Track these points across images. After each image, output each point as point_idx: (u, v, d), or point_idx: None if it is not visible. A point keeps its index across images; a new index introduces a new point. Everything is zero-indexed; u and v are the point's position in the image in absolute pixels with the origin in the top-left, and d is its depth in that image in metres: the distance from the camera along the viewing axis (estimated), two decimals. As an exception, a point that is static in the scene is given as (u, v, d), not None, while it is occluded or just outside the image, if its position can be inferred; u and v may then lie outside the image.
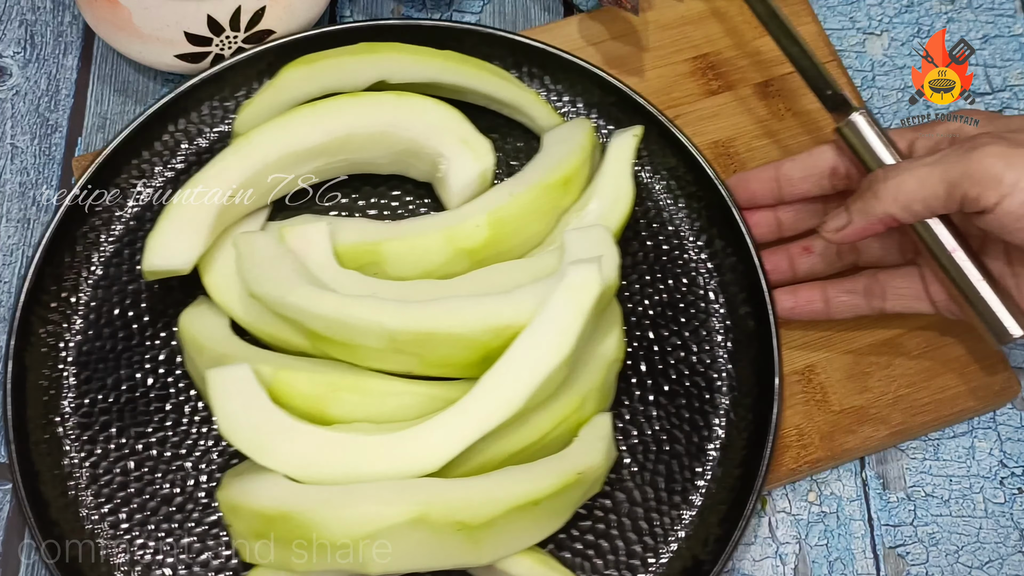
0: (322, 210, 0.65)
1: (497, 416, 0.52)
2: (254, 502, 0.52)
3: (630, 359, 0.62)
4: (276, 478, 0.53)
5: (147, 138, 0.64)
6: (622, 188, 0.62)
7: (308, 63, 0.63)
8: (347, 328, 0.54)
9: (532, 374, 0.52)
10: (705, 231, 0.64)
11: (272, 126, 0.60)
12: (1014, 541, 0.62)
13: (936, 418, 0.63)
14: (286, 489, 0.52)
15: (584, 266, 0.54)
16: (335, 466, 0.52)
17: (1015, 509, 0.62)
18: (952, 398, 0.63)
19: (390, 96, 0.61)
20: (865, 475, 0.63)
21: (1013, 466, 0.63)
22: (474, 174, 0.61)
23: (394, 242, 0.60)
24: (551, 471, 0.54)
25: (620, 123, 0.66)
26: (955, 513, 0.62)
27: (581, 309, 0.53)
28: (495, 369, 0.53)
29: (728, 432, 0.60)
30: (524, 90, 0.65)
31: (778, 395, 0.59)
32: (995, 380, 0.63)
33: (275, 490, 0.52)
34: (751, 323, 0.62)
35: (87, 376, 0.60)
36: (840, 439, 0.62)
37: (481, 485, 0.52)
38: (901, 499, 0.63)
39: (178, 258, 0.58)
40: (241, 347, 0.58)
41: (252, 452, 0.53)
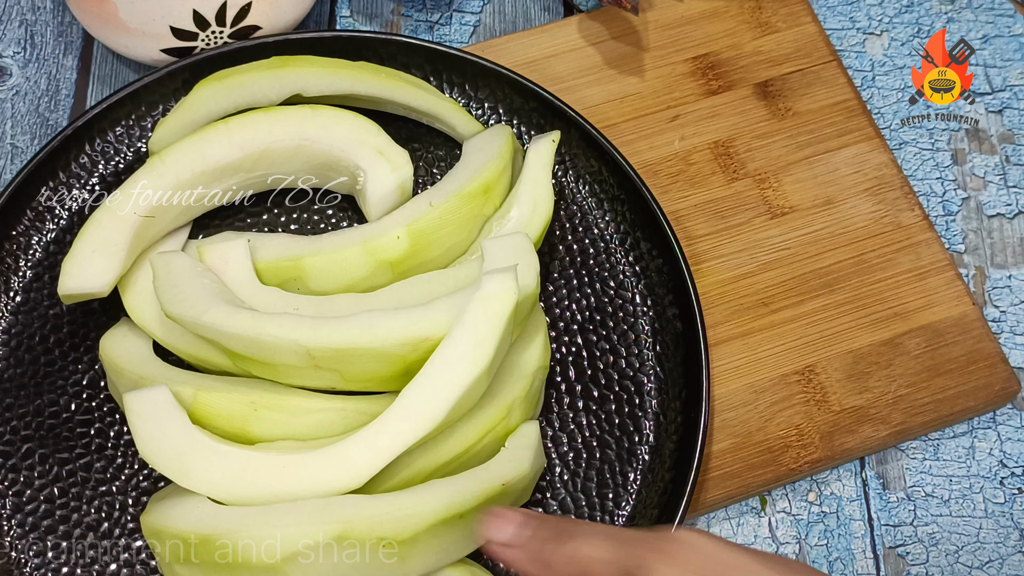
0: (242, 227, 0.64)
1: (418, 430, 0.52)
2: (176, 526, 0.52)
3: (558, 365, 0.62)
4: (198, 500, 0.52)
5: (63, 159, 0.63)
6: (541, 194, 0.61)
7: (220, 79, 0.62)
8: (264, 347, 0.54)
9: (451, 387, 0.52)
10: (630, 234, 0.64)
11: (185, 144, 0.60)
12: (1014, 541, 0.62)
13: (936, 418, 0.63)
14: (207, 512, 0.52)
15: (499, 275, 0.53)
16: (257, 486, 0.52)
17: (1015, 509, 0.62)
18: (952, 398, 0.63)
19: (304, 110, 0.61)
20: (865, 475, 0.63)
21: (1013, 466, 0.63)
22: (392, 186, 0.61)
23: (315, 257, 0.60)
24: (475, 483, 0.53)
25: (542, 128, 0.66)
26: (955, 513, 0.62)
27: (498, 319, 0.52)
28: (414, 383, 0.53)
29: (657, 435, 0.60)
30: (441, 99, 0.65)
31: (706, 396, 0.58)
32: (995, 380, 0.63)
33: (196, 512, 0.52)
34: (678, 325, 0.62)
35: (9, 403, 0.60)
36: (840, 439, 0.62)
37: (404, 500, 0.52)
38: (901, 499, 0.62)
39: (95, 281, 0.57)
40: (161, 369, 0.58)
41: (173, 475, 0.52)
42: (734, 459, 0.61)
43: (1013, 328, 0.67)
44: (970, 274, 0.69)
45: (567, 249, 0.64)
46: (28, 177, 0.62)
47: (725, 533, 0.61)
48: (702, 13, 0.73)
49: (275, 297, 0.58)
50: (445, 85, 0.67)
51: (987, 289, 0.68)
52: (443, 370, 0.52)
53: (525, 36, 0.71)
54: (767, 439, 0.62)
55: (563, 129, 0.65)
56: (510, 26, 0.75)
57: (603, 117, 0.69)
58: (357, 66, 0.64)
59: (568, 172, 0.66)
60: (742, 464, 0.61)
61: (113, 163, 0.65)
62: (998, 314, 0.67)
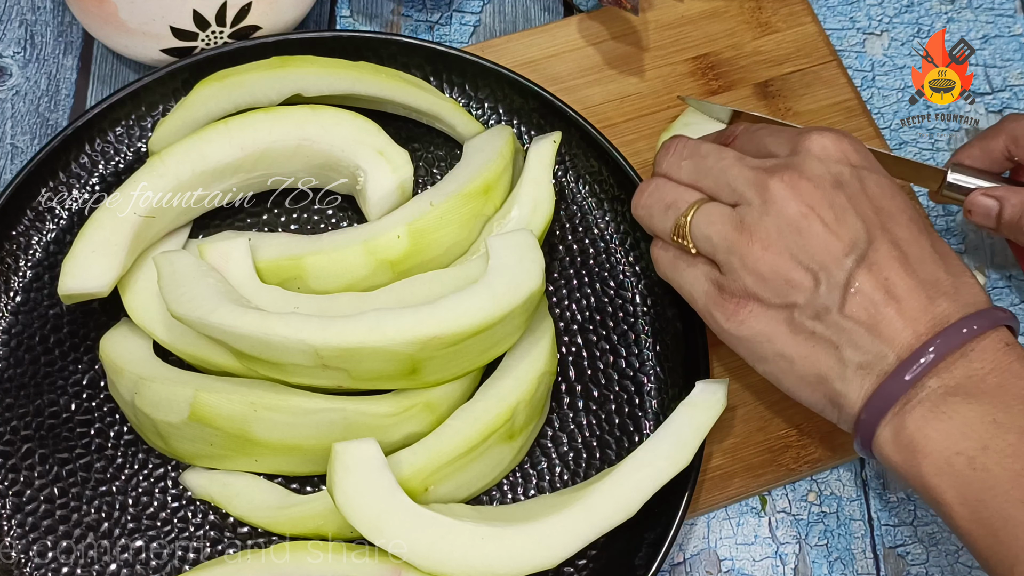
0: (243, 226, 0.64)
1: (613, 519, 0.54)
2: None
3: (559, 365, 0.62)
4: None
5: (63, 159, 0.63)
6: (542, 194, 0.61)
7: (220, 79, 0.62)
8: (271, 347, 0.54)
9: (650, 482, 0.54)
10: (630, 234, 0.64)
11: (185, 144, 0.60)
12: (1016, 541, 0.62)
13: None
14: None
15: (712, 386, 0.56)
16: (454, 556, 0.52)
17: (1016, 509, 0.62)
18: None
19: (304, 110, 0.61)
20: (865, 475, 0.63)
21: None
22: (392, 186, 0.61)
23: (315, 256, 0.60)
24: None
25: (542, 128, 0.66)
26: (956, 513, 0.62)
27: (702, 427, 0.56)
28: (616, 472, 0.55)
29: (659, 435, 0.60)
30: (442, 99, 0.65)
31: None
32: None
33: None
34: (678, 325, 0.62)
35: (9, 403, 0.60)
36: (840, 439, 0.62)
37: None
38: (901, 499, 0.62)
39: (95, 281, 0.57)
40: (161, 369, 0.58)
41: (367, 531, 0.52)
42: (734, 459, 0.61)
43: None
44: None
45: (567, 249, 0.64)
46: (28, 177, 0.62)
47: (725, 533, 0.61)
48: (702, 13, 0.73)
49: (277, 296, 0.58)
50: (445, 85, 0.67)
51: (987, 289, 0.68)
52: (645, 465, 0.55)
53: (525, 36, 0.71)
54: (767, 439, 0.62)
55: (563, 129, 0.65)
56: (510, 26, 0.75)
57: (603, 117, 0.69)
58: (357, 66, 0.63)
59: (568, 172, 0.66)
60: (742, 464, 0.61)
61: (113, 163, 0.65)
62: (998, 314, 0.67)
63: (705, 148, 0.55)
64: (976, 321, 0.49)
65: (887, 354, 0.49)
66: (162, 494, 0.58)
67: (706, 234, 0.52)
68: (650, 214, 0.56)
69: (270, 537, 0.58)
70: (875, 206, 0.51)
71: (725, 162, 0.53)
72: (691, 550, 0.61)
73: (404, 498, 0.53)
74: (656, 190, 0.56)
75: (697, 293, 0.54)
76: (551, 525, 0.53)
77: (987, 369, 0.48)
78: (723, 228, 0.52)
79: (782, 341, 0.51)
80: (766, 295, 0.51)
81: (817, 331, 0.50)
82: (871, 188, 0.52)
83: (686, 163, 0.55)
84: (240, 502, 0.57)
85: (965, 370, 0.48)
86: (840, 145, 0.52)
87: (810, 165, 0.51)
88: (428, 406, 0.56)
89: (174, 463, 0.59)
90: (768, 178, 0.51)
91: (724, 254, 0.52)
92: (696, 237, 0.53)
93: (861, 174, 0.52)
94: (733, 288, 0.52)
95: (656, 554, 0.55)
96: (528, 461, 0.60)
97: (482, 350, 0.56)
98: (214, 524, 0.58)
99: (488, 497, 0.59)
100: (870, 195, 0.51)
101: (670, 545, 0.55)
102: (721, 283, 0.53)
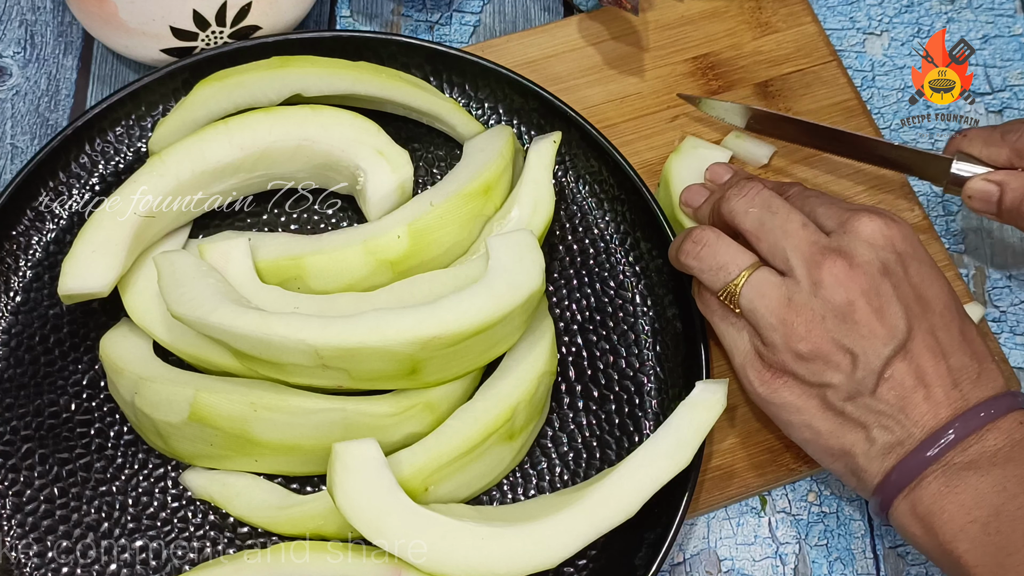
0: (243, 226, 0.64)
1: (614, 519, 0.54)
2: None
3: (559, 365, 0.62)
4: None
5: (63, 160, 0.63)
6: (542, 195, 0.61)
7: (220, 79, 0.62)
8: (272, 347, 0.54)
9: (650, 481, 0.54)
10: (630, 234, 0.64)
11: (185, 144, 0.60)
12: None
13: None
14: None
15: (712, 386, 0.56)
16: (454, 555, 0.52)
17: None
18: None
19: (304, 110, 0.61)
20: None
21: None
22: (392, 186, 0.61)
23: (315, 256, 0.60)
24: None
25: (542, 128, 0.66)
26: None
27: (703, 426, 0.55)
28: (616, 472, 0.54)
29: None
30: (442, 99, 0.65)
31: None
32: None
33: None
34: (678, 325, 0.62)
35: (9, 403, 0.60)
36: None
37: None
38: None
39: (95, 281, 0.57)
40: (161, 369, 0.58)
41: (367, 531, 0.52)
42: (734, 459, 0.61)
43: (1013, 328, 0.67)
44: (970, 274, 0.69)
45: (567, 249, 0.65)
46: (28, 177, 0.62)
47: (725, 533, 0.61)
48: (702, 13, 0.73)
49: (277, 296, 0.58)
50: (445, 85, 0.67)
51: (987, 289, 0.68)
52: (645, 465, 0.54)
53: (525, 36, 0.71)
54: (767, 439, 0.62)
55: (563, 129, 0.65)
56: (510, 26, 0.75)
57: (603, 117, 0.69)
58: (357, 66, 0.63)
59: (568, 172, 0.66)
60: (742, 464, 0.61)
61: (113, 163, 0.65)
62: (998, 314, 0.67)
63: (776, 204, 0.55)
64: (994, 405, 0.51)
65: (913, 434, 0.52)
66: (162, 494, 0.58)
67: (754, 306, 0.54)
68: (700, 268, 0.56)
69: (270, 537, 0.58)
70: (916, 294, 0.53)
71: (791, 226, 0.54)
72: (691, 550, 0.61)
73: (404, 498, 0.53)
74: (708, 247, 0.56)
75: (737, 352, 0.56)
76: (551, 525, 0.53)
77: (1000, 444, 0.51)
78: (771, 304, 0.53)
79: (811, 415, 0.53)
80: (803, 373, 0.53)
81: (847, 411, 0.52)
82: (914, 277, 0.53)
83: (754, 212, 0.56)
84: (240, 502, 0.57)
85: (980, 447, 0.51)
86: (889, 231, 0.53)
87: (860, 251, 0.53)
88: (428, 406, 0.56)
89: (174, 463, 0.59)
90: (822, 260, 0.53)
91: (768, 330, 0.53)
92: (744, 306, 0.54)
93: (905, 261, 0.53)
94: (772, 360, 0.54)
95: (656, 554, 0.55)
96: (528, 461, 0.60)
97: (482, 350, 0.56)
98: (214, 524, 0.58)
99: (488, 497, 0.59)
100: (913, 284, 0.53)
101: (670, 545, 0.55)
102: (761, 352, 0.54)
